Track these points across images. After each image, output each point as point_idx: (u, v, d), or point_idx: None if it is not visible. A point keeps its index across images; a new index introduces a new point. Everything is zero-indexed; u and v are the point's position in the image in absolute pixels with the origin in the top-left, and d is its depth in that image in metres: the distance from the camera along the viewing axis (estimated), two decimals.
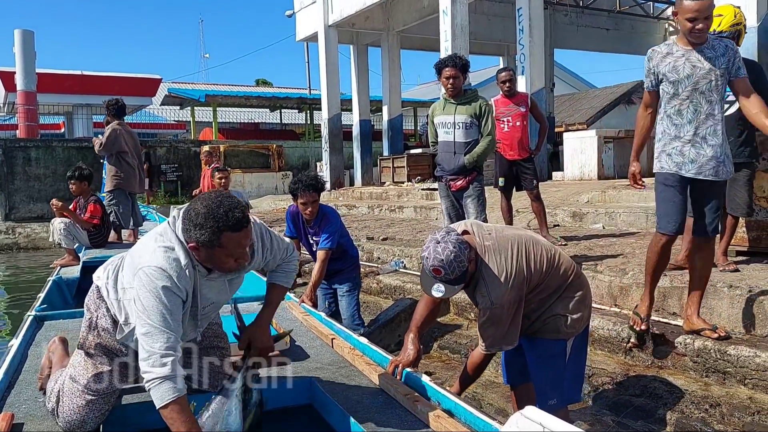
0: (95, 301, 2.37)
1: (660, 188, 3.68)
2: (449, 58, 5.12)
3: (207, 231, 2.05)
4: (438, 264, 2.59)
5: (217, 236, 2.05)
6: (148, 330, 2.04)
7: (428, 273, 2.66)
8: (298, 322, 3.83)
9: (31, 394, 2.64)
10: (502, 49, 19.37)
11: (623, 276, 4.81)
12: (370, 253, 7.79)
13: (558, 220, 8.00)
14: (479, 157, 5.14)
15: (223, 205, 2.06)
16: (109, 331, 2.32)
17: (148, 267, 2.09)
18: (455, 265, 2.58)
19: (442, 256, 2.58)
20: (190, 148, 20.08)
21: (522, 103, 6.35)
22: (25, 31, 20.64)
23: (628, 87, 22.06)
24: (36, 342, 3.47)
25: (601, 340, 4.17)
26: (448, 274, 2.60)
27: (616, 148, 11.67)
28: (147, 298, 2.06)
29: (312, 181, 4.60)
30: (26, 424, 2.36)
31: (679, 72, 3.54)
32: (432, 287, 2.66)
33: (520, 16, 11.62)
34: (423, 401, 2.39)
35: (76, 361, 2.37)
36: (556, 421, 1.77)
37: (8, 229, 16.31)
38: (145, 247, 2.21)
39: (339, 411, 2.34)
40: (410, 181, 14.75)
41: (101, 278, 2.37)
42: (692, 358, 3.69)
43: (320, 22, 16.32)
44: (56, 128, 31.20)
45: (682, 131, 3.57)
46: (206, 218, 2.04)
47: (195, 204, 2.10)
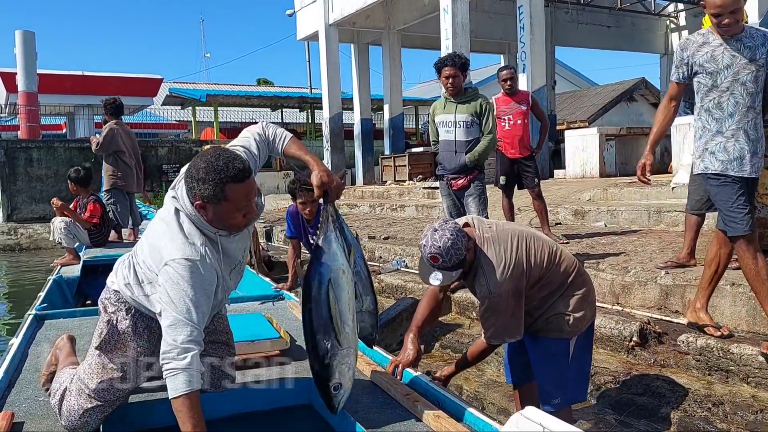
0: (114, 304, 2.34)
1: (715, 191, 3.45)
2: (448, 57, 5.11)
3: (210, 184, 2.04)
4: (435, 251, 2.60)
5: (221, 188, 2.05)
6: (172, 322, 2.05)
7: (426, 261, 2.67)
8: (297, 322, 3.83)
9: (31, 393, 2.64)
10: (503, 47, 19.32)
11: (625, 274, 4.80)
12: (371, 253, 7.78)
13: (560, 218, 7.98)
14: (480, 156, 5.12)
15: (222, 158, 2.06)
16: (129, 335, 2.31)
17: (172, 261, 2.09)
18: (452, 252, 2.60)
19: (439, 243, 2.60)
20: (191, 148, 20.06)
21: (523, 102, 6.34)
22: (26, 32, 20.64)
23: (630, 84, 22.05)
24: (36, 341, 3.45)
25: (603, 338, 4.16)
26: (446, 262, 2.61)
27: (618, 146, 11.65)
28: (173, 290, 2.07)
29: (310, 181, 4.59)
30: (26, 423, 2.36)
31: (718, 62, 3.35)
32: (430, 275, 2.67)
33: (520, 14, 11.60)
34: (423, 401, 2.39)
35: (90, 362, 2.35)
36: (556, 422, 1.77)
37: (10, 230, 16.33)
38: (160, 236, 2.18)
39: (339, 411, 2.33)
40: (412, 180, 14.74)
41: (116, 282, 2.35)
42: (695, 357, 3.67)
43: (321, 21, 16.31)
44: (58, 129, 31.23)
45: (723, 126, 3.38)
46: (207, 172, 2.04)
47: (195, 161, 2.10)
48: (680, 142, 9.26)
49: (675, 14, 18.65)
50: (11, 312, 8.68)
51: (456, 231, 2.64)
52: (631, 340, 3.98)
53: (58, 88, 24.07)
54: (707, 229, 5.58)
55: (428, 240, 2.64)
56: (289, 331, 3.31)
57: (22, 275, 11.82)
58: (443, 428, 2.17)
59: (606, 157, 11.44)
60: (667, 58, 19.09)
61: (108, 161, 7.44)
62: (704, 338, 3.66)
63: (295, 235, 4.99)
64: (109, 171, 7.44)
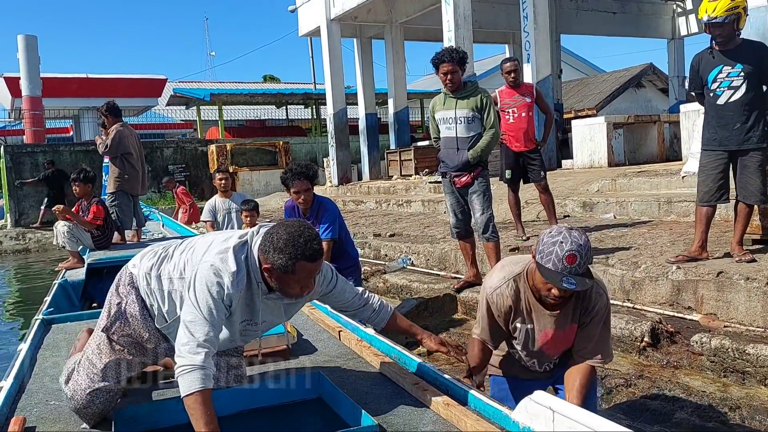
0: (126, 287, 2.40)
1: None
2: (445, 52, 4.95)
3: (285, 256, 2.14)
4: (576, 249, 2.25)
5: (293, 263, 2.14)
6: (193, 318, 2.12)
7: (558, 262, 2.27)
8: (304, 316, 3.78)
9: (41, 398, 2.65)
10: (508, 37, 19.09)
11: (636, 269, 4.66)
12: (377, 251, 7.68)
13: (567, 210, 7.84)
14: (483, 152, 4.99)
15: (303, 235, 2.16)
16: (137, 318, 2.36)
17: (212, 266, 2.18)
18: (590, 254, 2.29)
19: (580, 240, 2.27)
20: (197, 148, 20.02)
21: (527, 94, 6.21)
22: (29, 36, 20.61)
23: (638, 70, 21.74)
24: (45, 345, 3.47)
25: (614, 339, 4.02)
26: (584, 261, 2.27)
27: (626, 134, 11.43)
28: (201, 289, 2.14)
29: (302, 169, 4.61)
30: (38, 428, 2.36)
31: None
32: (561, 280, 2.28)
33: (524, 3, 11.36)
34: (432, 389, 2.38)
35: (98, 342, 2.39)
36: (565, 405, 1.80)
37: (18, 234, 16.35)
38: (210, 246, 2.28)
39: (348, 402, 2.32)
40: (418, 174, 14.61)
41: (138, 266, 2.41)
42: (709, 358, 3.54)
43: (322, 16, 16.15)
44: (65, 132, 31.29)
45: None
46: (286, 244, 2.14)
47: (278, 228, 2.20)
48: (690, 129, 9.06)
49: None
50: (19, 317, 8.67)
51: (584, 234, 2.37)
52: (642, 341, 3.85)
53: (63, 91, 24.01)
54: (719, 218, 5.43)
55: (566, 237, 2.28)
56: (296, 326, 3.30)
57: (30, 280, 11.82)
58: (453, 416, 2.16)
59: (614, 146, 11.22)
60: (675, 42, 18.82)
61: (115, 163, 7.36)
62: (718, 338, 3.53)
63: None
64: (115, 173, 7.37)
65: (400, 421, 2.23)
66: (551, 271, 2.29)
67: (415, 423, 2.21)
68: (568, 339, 2.57)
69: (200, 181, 19.41)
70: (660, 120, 12.00)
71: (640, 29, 18.95)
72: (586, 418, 1.72)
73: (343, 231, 4.94)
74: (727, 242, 4.86)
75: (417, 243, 7.33)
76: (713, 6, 4.15)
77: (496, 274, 2.63)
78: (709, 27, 4.27)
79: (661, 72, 21.78)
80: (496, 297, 2.55)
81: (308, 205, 4.66)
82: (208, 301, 2.13)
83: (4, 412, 2.46)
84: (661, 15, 18.89)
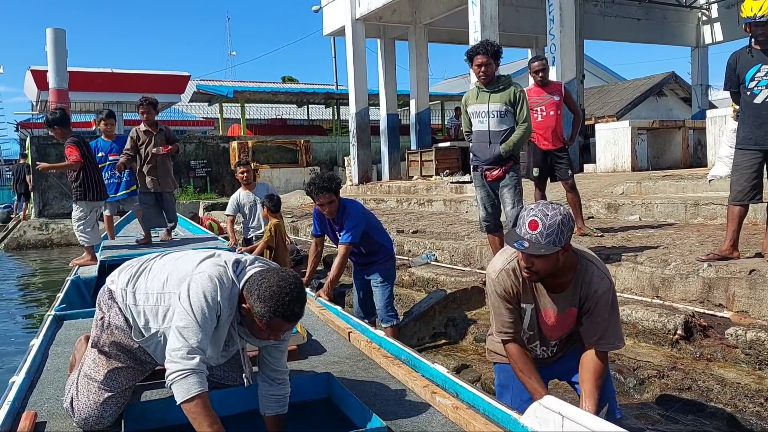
0: (107, 302, 2.44)
1: None
2: (481, 44, 5.00)
3: (265, 308, 2.12)
4: (540, 216, 2.33)
5: (270, 317, 2.12)
6: (186, 324, 2.13)
7: (522, 226, 2.36)
8: (314, 316, 3.80)
9: (53, 393, 2.68)
10: (531, 41, 19.06)
11: (665, 267, 4.66)
12: (400, 246, 7.72)
13: (592, 212, 7.83)
14: (515, 146, 5.02)
15: (291, 294, 2.12)
16: (122, 329, 2.40)
17: (210, 276, 2.20)
18: (556, 228, 2.32)
19: (548, 212, 2.34)
20: (218, 144, 20.18)
21: (556, 92, 6.21)
22: (57, 30, 20.84)
23: (660, 78, 21.62)
24: (56, 341, 3.51)
25: (645, 332, 4.04)
26: (544, 231, 2.31)
27: (650, 139, 11.39)
28: (197, 296, 2.16)
29: (325, 183, 4.61)
30: (49, 423, 2.39)
31: None
32: (515, 240, 2.37)
33: (550, 6, 11.36)
34: (441, 392, 2.39)
35: (90, 359, 2.43)
36: (574, 410, 1.80)
37: (42, 225, 16.56)
38: (203, 261, 2.31)
39: (357, 404, 2.33)
40: (438, 175, 14.61)
41: (116, 282, 2.44)
42: (744, 350, 3.54)
43: (347, 16, 16.24)
44: (88, 126, 31.57)
45: None
46: (271, 297, 2.11)
47: (271, 276, 2.17)
48: (716, 134, 9.03)
49: (707, 6, 18.23)
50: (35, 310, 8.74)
51: (569, 217, 2.41)
52: (675, 334, 3.86)
53: (88, 85, 24.24)
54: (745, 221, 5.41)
55: (535, 207, 2.38)
56: (306, 326, 3.29)
57: (48, 274, 11.95)
58: (461, 419, 2.17)
59: (638, 151, 11.18)
60: (699, 50, 18.70)
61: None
62: (754, 331, 3.53)
63: (320, 233, 5.01)
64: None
65: (409, 423, 2.24)
66: (514, 233, 2.39)
67: (423, 425, 2.22)
68: (567, 322, 2.59)
69: (221, 178, 19.58)
70: (685, 126, 11.93)
71: (664, 36, 18.84)
72: (596, 423, 1.73)
73: (373, 228, 4.98)
74: (757, 244, 4.85)
75: (441, 239, 7.36)
76: (759, 5, 4.15)
77: (497, 258, 2.67)
78: (752, 26, 4.27)
79: (683, 81, 21.64)
80: (500, 279, 2.56)
81: (334, 215, 4.74)
82: (203, 308, 2.14)
83: (16, 407, 2.48)
84: (685, 23, 18.78)
